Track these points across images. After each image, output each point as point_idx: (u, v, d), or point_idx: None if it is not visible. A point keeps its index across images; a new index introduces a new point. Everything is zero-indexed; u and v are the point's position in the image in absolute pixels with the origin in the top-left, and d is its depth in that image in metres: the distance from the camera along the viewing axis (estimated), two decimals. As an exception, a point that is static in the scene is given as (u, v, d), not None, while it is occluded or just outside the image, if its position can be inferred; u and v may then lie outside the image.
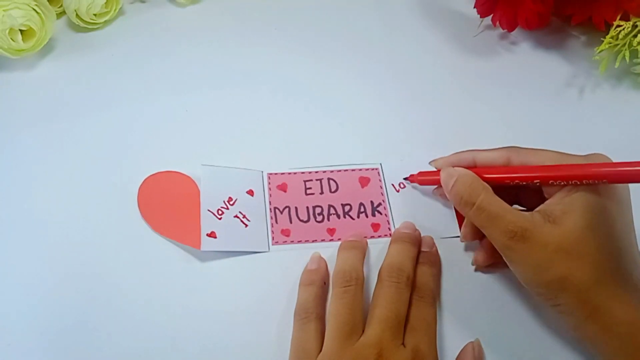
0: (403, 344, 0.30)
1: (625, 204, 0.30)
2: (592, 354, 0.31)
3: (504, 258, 0.31)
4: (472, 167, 0.34)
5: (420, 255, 0.35)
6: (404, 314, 0.31)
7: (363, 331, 0.31)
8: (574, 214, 0.29)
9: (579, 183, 0.29)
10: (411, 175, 0.39)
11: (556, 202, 0.30)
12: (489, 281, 0.35)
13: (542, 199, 0.31)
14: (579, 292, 0.28)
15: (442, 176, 0.34)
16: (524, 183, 0.32)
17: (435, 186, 0.38)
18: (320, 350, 0.30)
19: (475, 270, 0.35)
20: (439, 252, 0.36)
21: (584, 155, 0.31)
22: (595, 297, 0.28)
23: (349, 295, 0.32)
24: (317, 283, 0.34)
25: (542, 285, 0.29)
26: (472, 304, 0.34)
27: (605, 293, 0.28)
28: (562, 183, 0.30)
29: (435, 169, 0.38)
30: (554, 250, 0.28)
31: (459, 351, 0.32)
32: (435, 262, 0.35)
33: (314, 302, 0.33)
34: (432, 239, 0.36)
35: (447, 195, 0.34)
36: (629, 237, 0.30)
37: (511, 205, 0.34)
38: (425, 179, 0.38)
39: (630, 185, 0.31)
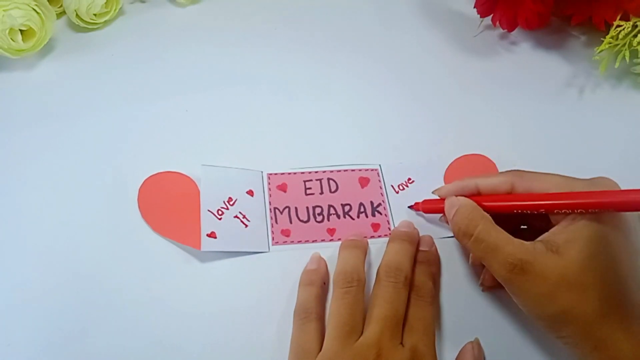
0: (402, 343, 0.30)
1: (632, 231, 0.30)
2: None
3: (506, 289, 0.30)
4: (475, 195, 0.33)
5: (420, 254, 0.35)
6: (403, 313, 0.31)
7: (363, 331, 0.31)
8: (577, 244, 0.28)
9: (584, 212, 0.29)
10: (416, 204, 0.38)
11: (559, 231, 0.29)
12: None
13: (548, 223, 0.31)
14: (584, 324, 0.28)
15: (445, 206, 0.34)
16: (529, 212, 0.31)
17: (441, 215, 0.37)
18: (320, 350, 0.30)
19: (483, 291, 0.35)
20: (439, 252, 0.36)
21: (589, 179, 0.31)
22: (600, 330, 0.27)
23: (350, 296, 0.32)
24: (317, 283, 0.34)
25: (545, 318, 0.29)
26: (471, 304, 0.34)
27: (610, 325, 0.27)
28: (568, 212, 0.29)
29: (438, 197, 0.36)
30: (556, 282, 0.28)
31: (457, 351, 0.32)
32: (434, 262, 0.35)
33: (313, 302, 0.33)
34: (431, 238, 0.36)
35: (449, 225, 0.33)
36: (634, 266, 0.29)
37: (519, 226, 0.33)
38: (430, 207, 0.37)
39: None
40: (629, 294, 0.28)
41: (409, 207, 0.38)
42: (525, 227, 0.35)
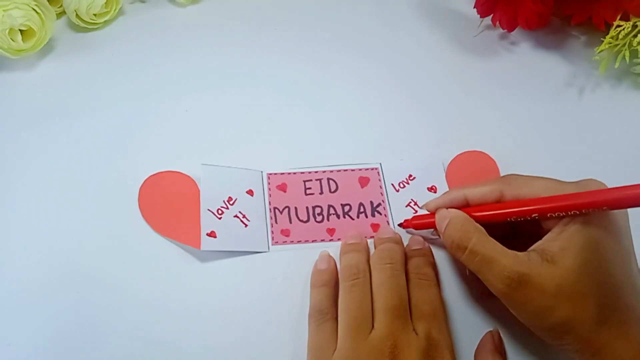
0: (415, 330, 0.30)
1: (623, 233, 0.29)
2: None
3: (503, 303, 0.30)
4: (465, 206, 0.33)
5: (412, 251, 0.35)
6: (406, 298, 0.31)
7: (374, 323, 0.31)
8: (571, 251, 0.28)
9: (578, 213, 0.28)
10: (405, 221, 0.37)
11: (552, 238, 0.29)
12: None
13: (539, 227, 0.31)
14: (583, 332, 0.28)
15: (436, 219, 0.33)
16: (522, 218, 0.30)
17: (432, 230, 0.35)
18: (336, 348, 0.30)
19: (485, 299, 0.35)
20: (439, 251, 0.36)
21: (577, 182, 0.30)
22: (599, 336, 0.27)
23: (357, 288, 0.32)
24: (330, 283, 0.33)
25: (545, 329, 0.29)
26: (472, 304, 0.34)
27: (609, 331, 0.27)
28: (561, 214, 0.29)
29: (427, 212, 0.35)
30: (553, 295, 0.27)
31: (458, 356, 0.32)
32: (429, 254, 0.35)
33: (327, 302, 0.32)
34: (420, 237, 0.36)
35: (442, 239, 0.33)
36: (629, 268, 0.29)
37: (509, 231, 0.32)
38: (420, 223, 0.35)
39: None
40: (625, 297, 0.28)
41: (398, 225, 0.37)
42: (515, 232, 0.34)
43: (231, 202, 0.37)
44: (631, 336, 0.27)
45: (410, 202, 0.38)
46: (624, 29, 0.42)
